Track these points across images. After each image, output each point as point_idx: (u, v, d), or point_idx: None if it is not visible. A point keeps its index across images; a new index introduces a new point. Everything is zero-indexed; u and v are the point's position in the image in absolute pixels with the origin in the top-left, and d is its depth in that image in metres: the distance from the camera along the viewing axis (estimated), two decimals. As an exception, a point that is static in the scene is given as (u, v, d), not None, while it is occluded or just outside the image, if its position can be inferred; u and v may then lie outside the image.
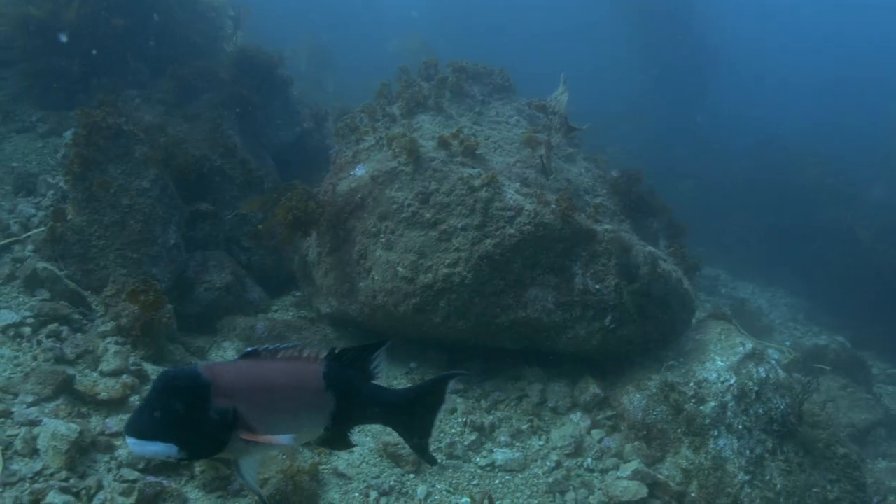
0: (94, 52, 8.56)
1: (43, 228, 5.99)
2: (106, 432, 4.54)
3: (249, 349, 2.98)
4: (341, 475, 4.89)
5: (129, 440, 2.66)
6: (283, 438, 2.84)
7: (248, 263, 7.19)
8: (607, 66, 24.09)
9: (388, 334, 6.25)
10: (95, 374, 5.02)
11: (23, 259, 5.74)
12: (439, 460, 5.30)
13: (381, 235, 5.93)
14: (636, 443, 5.76)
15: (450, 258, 5.73)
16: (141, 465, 4.37)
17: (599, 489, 5.42)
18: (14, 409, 4.51)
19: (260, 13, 12.38)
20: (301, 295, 7.20)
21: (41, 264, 5.52)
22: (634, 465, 5.51)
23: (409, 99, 7.06)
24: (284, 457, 4.70)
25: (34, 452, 4.23)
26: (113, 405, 4.82)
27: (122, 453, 4.39)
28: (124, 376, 5.02)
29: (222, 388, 2.76)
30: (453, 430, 5.62)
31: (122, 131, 6.14)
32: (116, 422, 4.65)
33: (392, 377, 6.12)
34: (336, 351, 3.00)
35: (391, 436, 5.28)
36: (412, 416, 3.21)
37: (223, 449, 2.77)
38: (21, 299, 5.42)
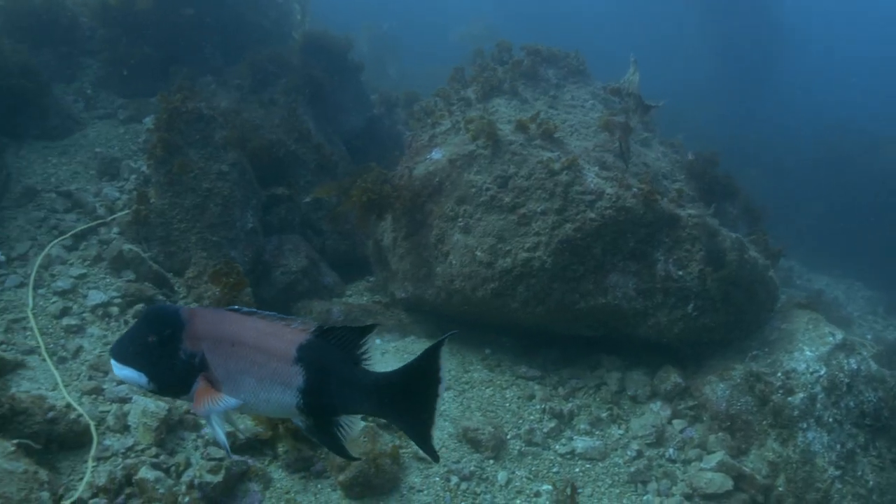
0: (170, 40, 8.69)
1: (127, 211, 6.10)
2: (191, 411, 4.59)
3: (235, 307, 2.95)
4: (422, 459, 4.86)
5: (112, 361, 2.77)
6: (229, 400, 2.78)
7: (322, 248, 7.22)
8: (673, 48, 23.57)
9: (463, 319, 6.21)
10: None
11: (108, 241, 5.85)
12: (519, 448, 5.24)
13: (460, 219, 5.87)
14: (720, 434, 5.59)
15: (529, 242, 5.64)
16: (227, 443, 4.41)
17: (682, 480, 5.28)
18: (105, 387, 4.60)
19: (321, 1, 12.41)
20: (375, 280, 7.20)
21: (126, 246, 5.62)
22: (719, 456, 5.35)
23: (483, 83, 6.97)
24: (366, 439, 4.70)
25: (125, 429, 4.31)
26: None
27: (208, 431, 4.44)
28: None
29: (194, 331, 2.79)
30: (532, 417, 5.54)
31: (203, 115, 6.20)
32: (202, 401, 4.70)
33: (468, 363, 6.07)
34: (324, 328, 2.86)
35: (471, 420, 5.24)
36: (406, 402, 2.89)
37: (188, 392, 2.79)
38: (108, 280, 5.53)
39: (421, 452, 4.89)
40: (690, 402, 5.86)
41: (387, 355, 6.12)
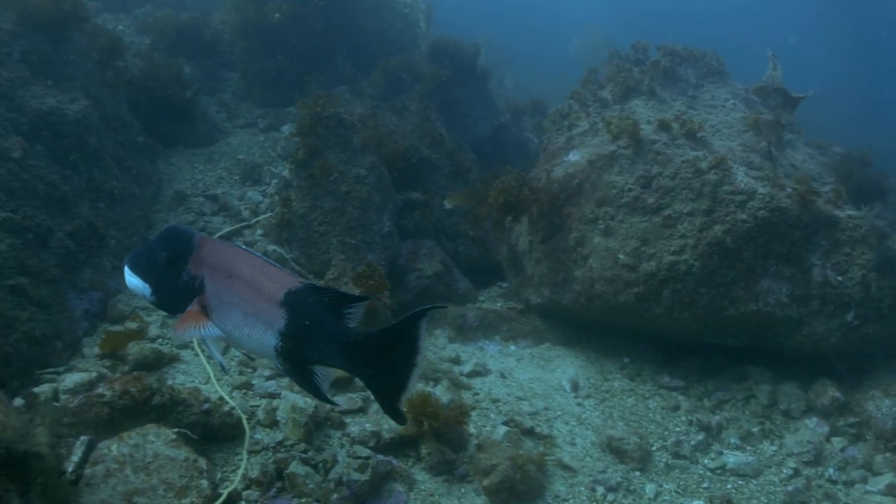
0: (304, 52, 8.95)
1: (269, 214, 6.27)
2: (335, 409, 4.61)
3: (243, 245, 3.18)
4: (566, 467, 4.70)
5: (125, 267, 2.97)
6: (212, 329, 2.96)
7: (454, 253, 7.19)
8: (798, 43, 22.38)
9: (602, 326, 6.01)
10: (323, 354, 5.14)
11: (252, 243, 6.02)
12: (665, 460, 4.99)
13: (600, 221, 5.70)
14: (886, 454, 5.16)
15: (675, 245, 5.40)
16: (371, 443, 4.40)
17: (846, 503, 4.89)
18: (254, 382, 4.69)
19: (437, 12, 12.46)
20: (508, 286, 7.10)
21: (271, 247, 5.77)
22: (888, 478, 4.94)
23: (621, 84, 6.78)
24: (509, 444, 4.59)
25: (274, 423, 4.36)
26: (338, 384, 4.90)
27: (353, 430, 4.44)
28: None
29: (201, 257, 2.97)
30: (678, 429, 5.28)
31: (342, 120, 6.30)
32: (345, 400, 4.72)
33: (607, 371, 5.87)
34: (317, 285, 3.01)
35: (614, 429, 5.04)
36: (379, 364, 2.93)
37: (183, 311, 2.96)
38: (253, 280, 5.67)
39: (566, 460, 4.76)
40: (851, 418, 5.45)
41: (522, 362, 6.00)
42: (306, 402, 4.38)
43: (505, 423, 4.95)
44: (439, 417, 4.45)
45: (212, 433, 4.20)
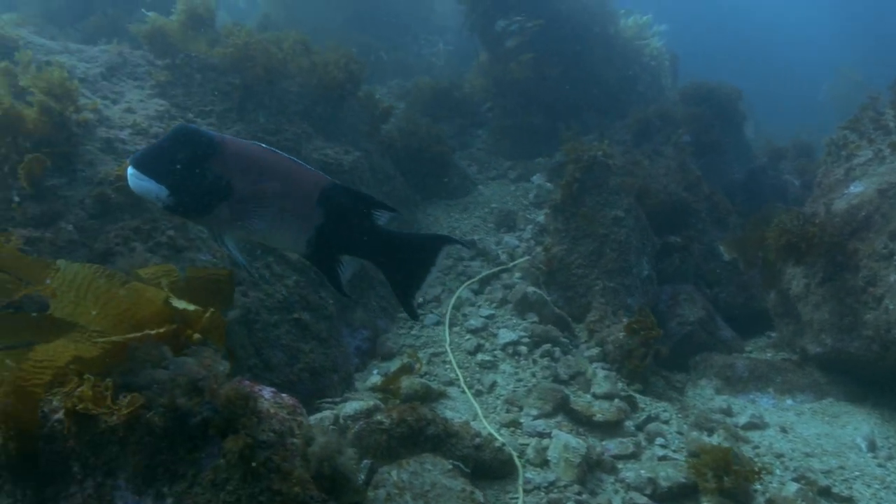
0: (550, 107, 9.06)
1: (527, 258, 6.27)
2: (606, 454, 4.38)
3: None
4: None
5: (130, 170, 2.82)
6: (260, 223, 2.94)
7: (715, 300, 6.73)
8: None
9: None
10: (588, 396, 4.95)
11: (511, 286, 6.03)
12: None
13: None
14: None
15: None
16: (647, 491, 4.10)
17: None
18: (522, 421, 4.60)
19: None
20: (778, 335, 6.49)
21: (531, 289, 5.73)
22: None
23: (910, 109, 6.08)
24: (804, 503, 4.07)
25: (545, 463, 4.22)
26: (608, 428, 4.68)
27: (628, 475, 4.17)
28: (616, 401, 4.87)
29: (227, 157, 2.90)
30: None
31: (597, 162, 6.21)
32: (616, 444, 4.47)
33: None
34: (343, 185, 3.11)
35: None
36: (401, 262, 3.19)
37: (208, 213, 2.90)
38: (514, 321, 5.66)
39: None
40: None
41: (803, 416, 5.40)
42: (579, 442, 4.21)
43: (795, 480, 4.42)
44: (733, 472, 4.07)
45: (482, 468, 4.13)
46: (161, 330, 2.65)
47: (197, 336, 2.77)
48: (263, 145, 3.13)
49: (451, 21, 13.04)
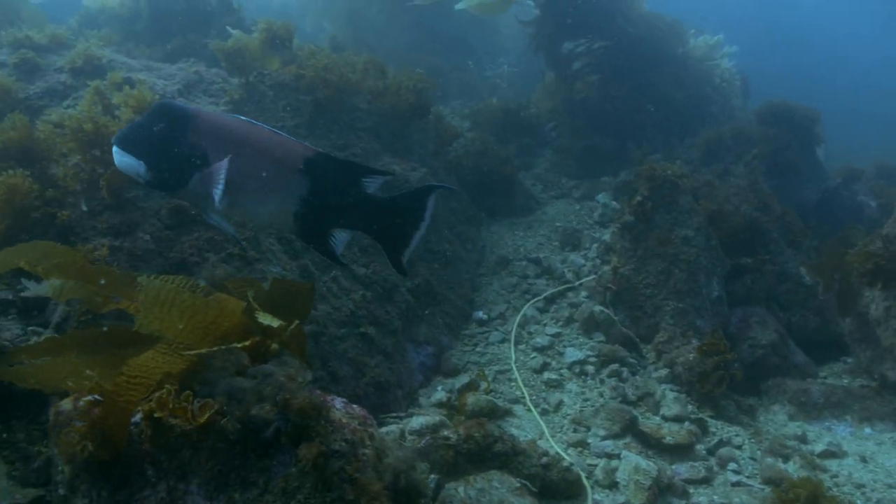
0: (614, 126, 9.00)
1: (593, 277, 6.19)
2: (677, 478, 4.26)
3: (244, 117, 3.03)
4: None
5: (114, 148, 2.85)
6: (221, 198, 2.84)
7: (787, 324, 6.53)
8: None
9: None
10: (657, 418, 4.84)
11: (577, 304, 5.96)
12: None
13: None
14: None
15: None
16: (721, 518, 3.97)
17: None
18: (590, 441, 4.51)
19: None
20: (854, 362, 6.25)
21: (598, 308, 5.65)
22: None
23: None
24: None
25: (613, 485, 4.13)
26: (678, 451, 4.56)
27: (700, 501, 4.06)
28: (686, 423, 4.75)
29: (201, 127, 2.87)
30: None
31: (667, 181, 6.11)
32: (686, 468, 4.36)
33: None
34: (328, 154, 3.04)
35: None
36: (391, 224, 3.19)
37: (185, 185, 2.87)
38: (581, 340, 5.59)
39: None
40: None
41: (884, 446, 5.17)
42: (649, 464, 4.11)
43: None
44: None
45: (549, 488, 4.06)
46: (247, 343, 2.68)
47: (274, 346, 2.80)
48: (243, 117, 3.08)
49: (514, 43, 13.12)
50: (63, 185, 4.02)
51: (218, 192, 2.84)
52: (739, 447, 4.76)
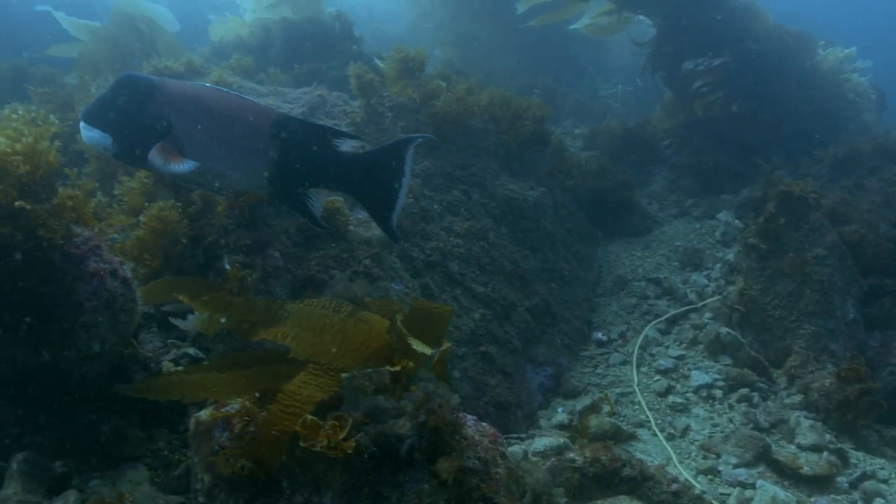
0: (735, 143, 8.69)
1: (717, 297, 5.97)
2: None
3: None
4: None
5: (81, 124, 2.83)
6: (186, 163, 2.84)
7: (932, 349, 6.09)
8: None
9: None
10: (793, 447, 4.59)
11: (701, 326, 5.76)
12: None
13: None
14: None
15: None
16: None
17: None
18: (721, 469, 4.33)
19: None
20: None
21: (724, 330, 5.44)
22: None
23: None
24: None
25: (748, 515, 3.93)
26: (817, 483, 4.30)
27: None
28: (825, 454, 4.48)
29: (165, 95, 2.84)
30: None
31: (796, 197, 5.85)
32: (828, 501, 4.11)
33: None
34: (297, 117, 3.02)
35: None
36: (371, 182, 3.15)
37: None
38: (707, 363, 5.39)
39: None
40: None
41: None
42: (788, 495, 3.91)
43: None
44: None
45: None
46: (398, 368, 2.72)
47: (411, 365, 2.83)
48: (208, 84, 3.08)
49: (625, 62, 12.93)
50: (207, 213, 4.18)
51: (178, 164, 2.89)
52: (885, 481, 4.45)
